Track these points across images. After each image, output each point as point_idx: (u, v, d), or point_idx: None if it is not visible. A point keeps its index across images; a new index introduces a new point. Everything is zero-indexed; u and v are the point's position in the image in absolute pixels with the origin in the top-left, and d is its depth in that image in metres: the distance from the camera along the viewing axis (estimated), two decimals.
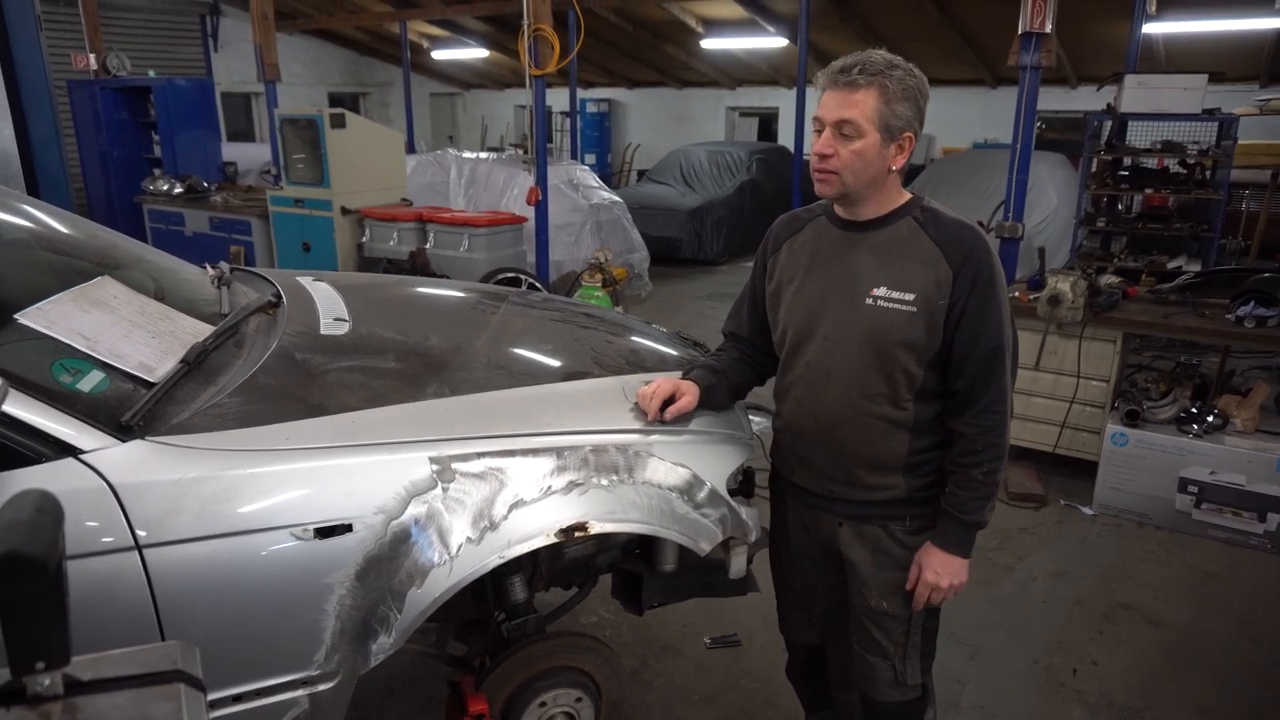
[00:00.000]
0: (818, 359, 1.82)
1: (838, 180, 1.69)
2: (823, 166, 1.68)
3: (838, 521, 1.92)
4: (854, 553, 1.90)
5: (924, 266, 1.70)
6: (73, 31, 9.48)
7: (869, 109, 1.63)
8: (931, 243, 1.71)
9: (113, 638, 1.48)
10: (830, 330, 1.79)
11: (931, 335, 1.71)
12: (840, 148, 1.65)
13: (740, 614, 3.12)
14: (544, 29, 6.01)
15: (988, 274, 1.69)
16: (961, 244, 1.70)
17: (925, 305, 1.69)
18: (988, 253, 1.71)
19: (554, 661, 2.06)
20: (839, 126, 1.65)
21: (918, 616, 1.91)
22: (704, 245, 10.23)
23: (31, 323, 1.65)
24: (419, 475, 1.68)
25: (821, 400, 1.82)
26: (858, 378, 1.76)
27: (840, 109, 1.64)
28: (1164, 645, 3.14)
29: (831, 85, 1.66)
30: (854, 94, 1.63)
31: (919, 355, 1.73)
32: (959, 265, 1.68)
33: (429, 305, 2.77)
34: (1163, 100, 6.04)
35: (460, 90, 17.59)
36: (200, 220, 7.96)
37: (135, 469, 1.48)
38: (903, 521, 1.86)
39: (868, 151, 1.65)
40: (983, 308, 1.69)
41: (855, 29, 10.07)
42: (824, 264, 1.82)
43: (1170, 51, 9.43)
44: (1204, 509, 3.87)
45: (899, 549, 1.87)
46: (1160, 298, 4.30)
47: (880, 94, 1.63)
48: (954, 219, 1.75)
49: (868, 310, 1.73)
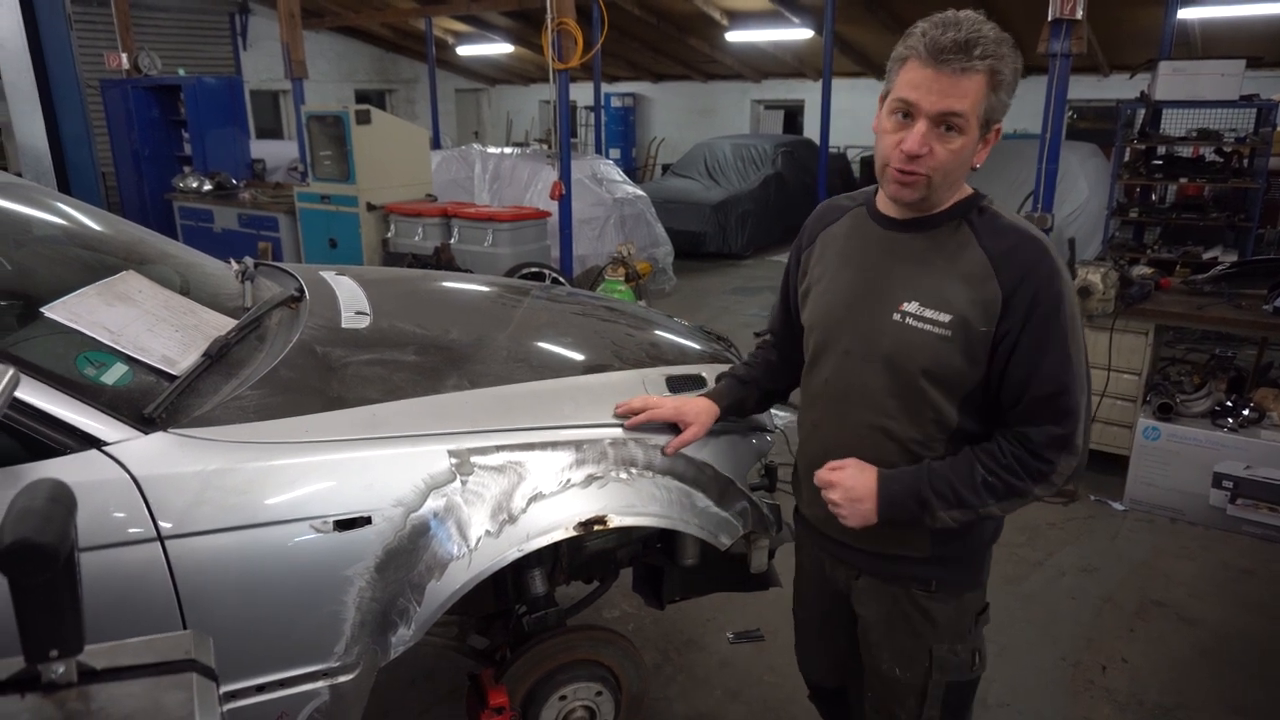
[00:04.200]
0: (836, 377, 1.57)
1: (925, 183, 1.38)
2: (910, 168, 1.36)
3: (854, 574, 1.67)
4: (868, 610, 1.67)
5: (968, 282, 1.40)
6: (105, 31, 9.65)
7: (978, 99, 1.32)
8: (983, 254, 1.40)
9: (135, 628, 1.50)
10: (851, 344, 1.53)
11: (971, 366, 1.42)
12: (938, 145, 1.34)
13: (764, 609, 3.10)
14: (567, 23, 6.00)
15: (1051, 300, 1.37)
16: (1020, 260, 1.38)
17: (963, 330, 1.40)
18: (1054, 274, 1.38)
19: (574, 655, 2.06)
20: (942, 120, 1.33)
21: (935, 690, 1.61)
22: (728, 239, 10.20)
23: (57, 316, 1.67)
24: (438, 468, 1.68)
25: (837, 428, 1.59)
26: (877, 406, 1.51)
27: (948, 98, 1.31)
28: (1197, 643, 3.08)
29: (937, 64, 1.30)
30: (965, 80, 1.30)
31: (949, 389, 1.45)
32: (1013, 287, 1.37)
33: (450, 299, 2.78)
34: (1198, 87, 5.92)
35: (485, 86, 17.66)
36: (229, 217, 8.06)
37: (158, 461, 1.50)
38: (926, 584, 1.59)
39: (965, 150, 1.36)
40: (1041, 342, 1.37)
41: (882, 19, 9.96)
42: (854, 264, 1.56)
43: (1206, 37, 9.24)
44: (1239, 504, 3.79)
45: (918, 615, 1.60)
46: (1194, 289, 4.21)
47: (990, 80, 1.32)
48: (1016, 227, 1.43)
49: (893, 327, 1.46)
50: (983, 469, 1.45)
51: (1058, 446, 1.42)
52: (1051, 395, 1.40)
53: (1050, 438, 1.41)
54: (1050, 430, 1.41)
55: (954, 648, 1.61)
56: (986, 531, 1.61)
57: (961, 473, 1.46)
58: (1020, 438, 1.44)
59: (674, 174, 11.60)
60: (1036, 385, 1.39)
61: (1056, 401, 1.40)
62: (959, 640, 1.62)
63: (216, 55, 13.09)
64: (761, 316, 7.56)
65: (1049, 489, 1.45)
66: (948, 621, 1.60)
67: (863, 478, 1.51)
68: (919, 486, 1.47)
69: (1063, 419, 1.41)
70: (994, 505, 1.46)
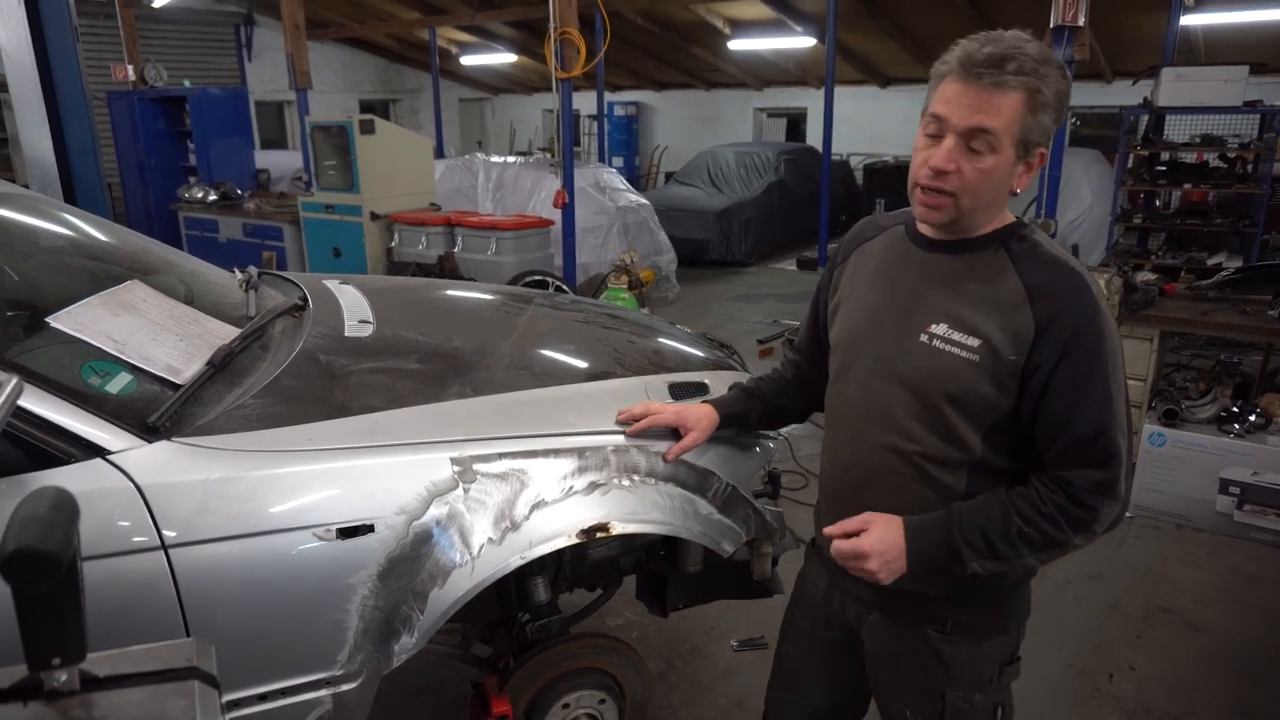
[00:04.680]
0: (858, 396, 1.50)
1: (952, 205, 1.32)
2: (936, 184, 1.31)
3: (866, 611, 1.58)
4: (876, 646, 1.58)
5: (1000, 310, 1.34)
6: (112, 43, 9.71)
7: (1012, 117, 1.26)
8: (1019, 282, 1.34)
9: (139, 636, 1.50)
10: (875, 363, 1.47)
11: (999, 395, 1.35)
12: (965, 164, 1.29)
13: (768, 616, 3.08)
14: (570, 32, 6.03)
15: (1092, 339, 1.30)
16: (1057, 293, 1.31)
17: (991, 357, 1.33)
18: (1094, 311, 1.30)
19: (577, 663, 2.06)
20: (970, 137, 1.28)
21: None
22: (732, 247, 10.21)
23: (62, 326, 1.68)
24: (440, 476, 1.68)
25: (855, 449, 1.51)
26: (897, 428, 1.43)
27: (977, 114, 1.26)
28: (1204, 650, 3.06)
29: (968, 79, 1.27)
30: (999, 96, 1.26)
31: (974, 417, 1.37)
32: (1048, 320, 1.30)
33: (453, 308, 2.79)
34: (1202, 93, 5.93)
35: (489, 95, 17.72)
36: (234, 227, 8.10)
37: (161, 469, 1.50)
38: (941, 625, 1.48)
39: (998, 171, 1.29)
40: (1080, 383, 1.30)
41: (885, 27, 9.99)
42: (886, 282, 1.49)
43: (1210, 44, 9.23)
44: (1246, 511, 3.77)
45: (930, 658, 1.50)
46: (1199, 295, 4.20)
47: (1028, 99, 1.26)
48: (1057, 258, 1.36)
49: (919, 348, 1.40)
50: (1019, 519, 1.35)
51: (1101, 492, 1.33)
52: (1092, 437, 1.32)
53: (1093, 483, 1.33)
54: (1092, 475, 1.33)
55: (970, 697, 1.50)
56: (1013, 574, 1.46)
57: (995, 522, 1.37)
58: (1060, 483, 1.35)
59: (677, 182, 11.62)
60: (1076, 426, 1.32)
61: (1097, 444, 1.32)
62: (977, 690, 1.50)
63: (222, 66, 13.16)
64: (764, 324, 7.56)
65: (1090, 539, 1.37)
66: (963, 667, 1.49)
67: (890, 534, 1.41)
68: (949, 536, 1.38)
69: (1105, 463, 1.33)
70: (1030, 557, 1.37)
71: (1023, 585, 1.53)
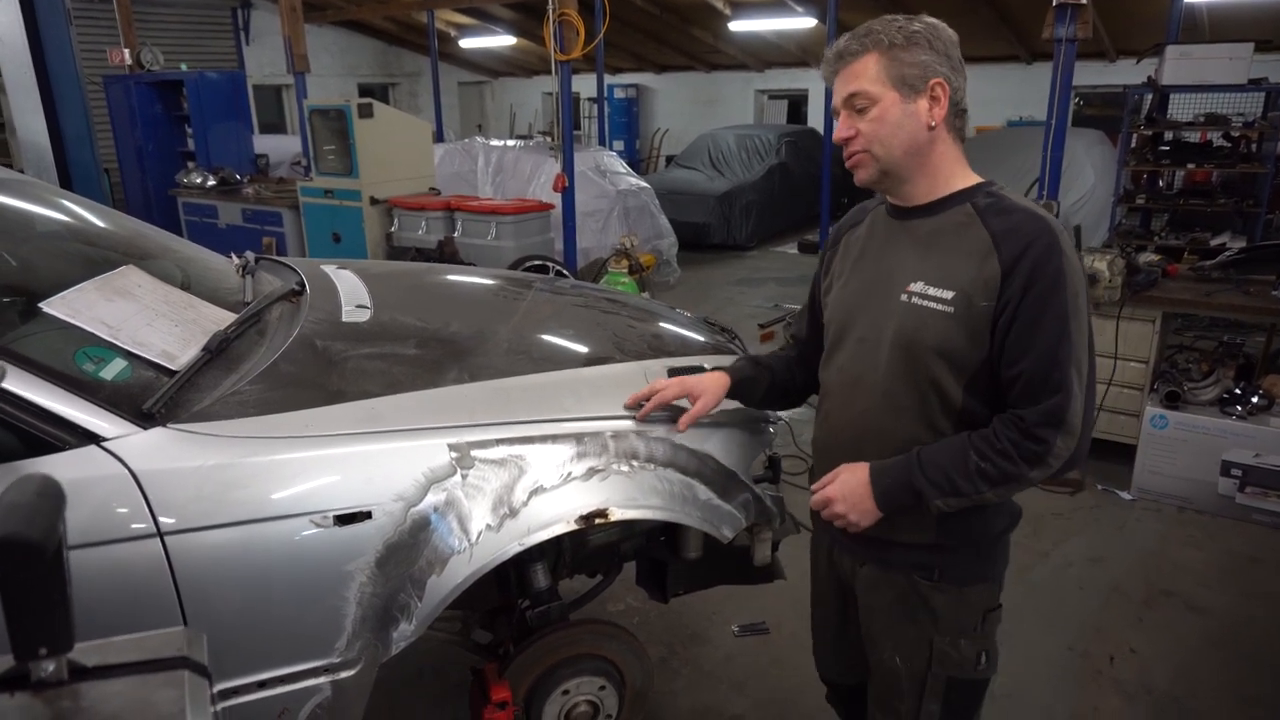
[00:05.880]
0: (849, 364, 1.61)
1: (869, 159, 1.49)
2: (849, 150, 1.50)
3: (859, 562, 1.68)
4: (871, 599, 1.68)
5: (970, 260, 1.44)
6: (108, 27, 9.63)
7: (872, 71, 1.45)
8: (986, 233, 1.44)
9: (136, 624, 1.50)
10: (865, 331, 1.58)
11: (973, 345, 1.44)
12: (858, 123, 1.47)
13: (769, 601, 3.08)
14: (569, 14, 5.98)
15: (1051, 275, 1.38)
16: (1020, 236, 1.41)
17: (965, 306, 1.43)
18: (1053, 250, 1.39)
19: (577, 649, 2.05)
20: (849, 103, 1.48)
21: (935, 683, 1.61)
22: (733, 230, 10.16)
23: (56, 311, 1.67)
24: (438, 462, 1.67)
25: (848, 412, 1.61)
26: (886, 388, 1.53)
27: (845, 86, 1.48)
28: (1205, 632, 3.06)
29: (831, 72, 1.52)
30: (853, 65, 1.47)
31: (955, 369, 1.47)
32: (1013, 262, 1.40)
33: (451, 292, 2.77)
34: (1206, 71, 5.86)
35: (489, 78, 17.61)
36: (233, 212, 8.06)
37: (157, 456, 1.49)
38: (929, 573, 1.58)
39: (888, 114, 1.45)
40: (1039, 316, 1.39)
41: (885, 6, 9.89)
42: (871, 256, 1.61)
43: (1215, 21, 9.14)
44: (1248, 493, 3.76)
45: (919, 604, 1.60)
46: (1202, 275, 4.18)
47: (879, 52, 1.45)
48: (1023, 207, 1.46)
49: (901, 308, 1.50)
50: (976, 455, 1.44)
51: (1052, 425, 1.40)
52: (1046, 372, 1.39)
53: (1042, 416, 1.40)
54: (1042, 408, 1.40)
55: (956, 642, 1.59)
56: (997, 523, 1.59)
57: (956, 459, 1.46)
58: (1015, 419, 1.43)
59: (678, 165, 11.56)
60: (1031, 359, 1.40)
61: (1051, 378, 1.39)
62: (962, 635, 1.59)
63: (219, 50, 13.07)
64: (766, 308, 7.53)
65: (1045, 471, 1.43)
66: (949, 613, 1.59)
67: (855, 478, 1.54)
68: (909, 476, 1.48)
69: (1055, 395, 1.40)
70: (989, 491, 1.45)
71: (1004, 535, 1.63)
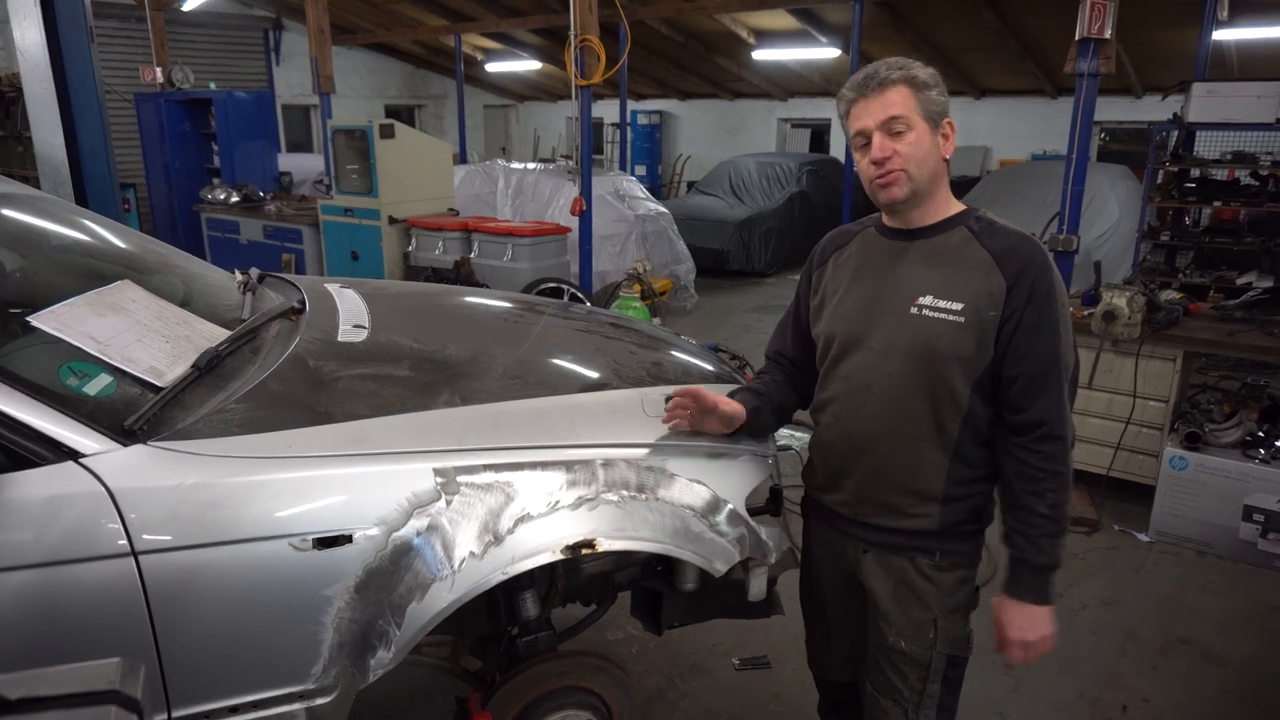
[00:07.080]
0: (858, 372, 1.72)
1: (904, 177, 1.61)
2: (886, 169, 1.61)
3: (862, 549, 1.80)
4: (876, 584, 1.79)
5: (975, 275, 1.61)
6: (143, 46, 9.83)
7: (908, 100, 1.59)
8: (985, 251, 1.62)
9: (106, 646, 1.47)
10: (875, 342, 1.70)
11: (981, 350, 1.61)
12: (896, 145, 1.60)
13: (771, 635, 3.02)
14: (590, 39, 6.02)
15: (1046, 288, 1.59)
16: (1018, 254, 1.61)
17: (975, 316, 1.60)
18: (1047, 266, 1.61)
19: (563, 681, 2.00)
20: (888, 126, 1.59)
21: (938, 663, 1.76)
22: (752, 257, 10.14)
23: (44, 325, 1.66)
24: (422, 487, 1.63)
25: (858, 416, 1.73)
26: (900, 394, 1.67)
27: (884, 110, 1.60)
28: (1223, 683, 2.95)
29: (861, 96, 1.62)
30: (888, 93, 1.60)
31: (966, 372, 1.63)
32: (1015, 276, 1.59)
33: (452, 314, 2.75)
34: (1234, 109, 5.79)
35: (513, 102, 17.78)
36: (254, 228, 8.15)
37: (134, 474, 1.47)
38: (931, 555, 1.74)
39: (923, 141, 1.60)
40: (1039, 324, 1.59)
41: (909, 39, 9.89)
42: (870, 274, 1.74)
43: (1243, 58, 9.06)
44: (1270, 539, 3.64)
45: (924, 584, 1.74)
46: (1225, 314, 4.08)
47: (910, 85, 1.60)
48: (1011, 229, 1.67)
49: (912, 320, 1.65)
50: (1037, 499, 1.61)
51: (1061, 418, 1.61)
52: (1044, 371, 1.60)
53: (1048, 410, 1.60)
54: (1043, 405, 1.60)
55: (954, 619, 1.75)
56: (988, 511, 1.77)
57: (1035, 518, 1.62)
58: (1029, 444, 1.62)
59: (699, 191, 11.57)
60: (1031, 363, 1.60)
61: (1047, 376, 1.60)
62: (957, 611, 1.76)
63: (250, 70, 13.31)
64: None
65: (1071, 449, 1.64)
66: (951, 592, 1.75)
67: (1024, 616, 1.66)
68: (1036, 567, 1.64)
69: (1050, 390, 1.61)
70: (1066, 504, 1.63)
71: (988, 521, 1.79)
